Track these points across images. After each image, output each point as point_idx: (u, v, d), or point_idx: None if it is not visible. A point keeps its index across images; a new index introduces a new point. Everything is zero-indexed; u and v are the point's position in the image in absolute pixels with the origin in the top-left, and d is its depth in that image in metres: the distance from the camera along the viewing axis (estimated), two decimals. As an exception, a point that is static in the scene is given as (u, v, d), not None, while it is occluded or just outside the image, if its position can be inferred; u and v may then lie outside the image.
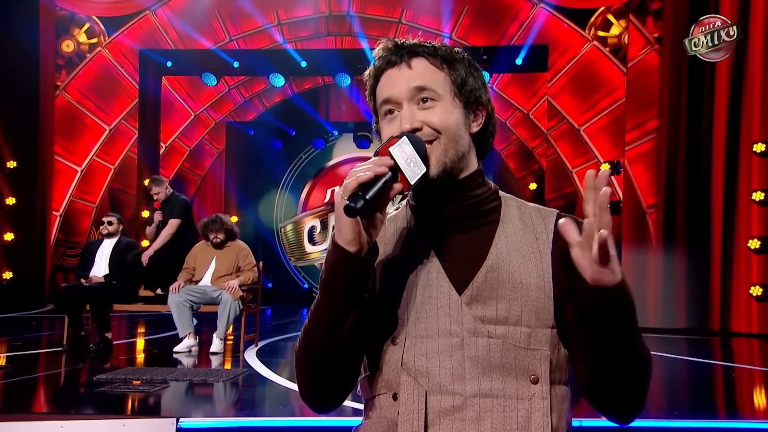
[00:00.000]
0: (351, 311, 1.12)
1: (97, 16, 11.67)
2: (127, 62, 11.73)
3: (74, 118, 11.65)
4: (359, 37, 11.29)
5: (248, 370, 5.37)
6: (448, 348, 1.13)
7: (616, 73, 10.06)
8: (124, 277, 6.67)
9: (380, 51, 1.23)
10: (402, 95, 1.18)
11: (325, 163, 14.08)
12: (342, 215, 1.06)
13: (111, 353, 6.21)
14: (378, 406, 1.19)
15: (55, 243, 11.55)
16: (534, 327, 1.14)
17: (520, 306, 1.14)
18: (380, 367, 1.18)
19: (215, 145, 13.90)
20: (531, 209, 1.25)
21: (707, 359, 6.84)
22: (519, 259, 1.17)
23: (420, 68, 1.19)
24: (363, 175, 1.06)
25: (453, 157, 1.17)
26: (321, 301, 1.14)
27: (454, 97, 1.20)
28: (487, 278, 1.15)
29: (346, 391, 1.23)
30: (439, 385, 1.12)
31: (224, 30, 11.60)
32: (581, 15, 10.24)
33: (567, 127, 10.43)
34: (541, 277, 1.16)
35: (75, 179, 11.65)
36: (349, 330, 1.13)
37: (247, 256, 6.72)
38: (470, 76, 1.22)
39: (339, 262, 1.09)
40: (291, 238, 14.04)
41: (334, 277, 1.11)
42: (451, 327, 1.14)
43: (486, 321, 1.14)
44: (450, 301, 1.15)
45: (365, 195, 1.04)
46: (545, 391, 1.12)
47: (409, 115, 1.17)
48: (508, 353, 1.12)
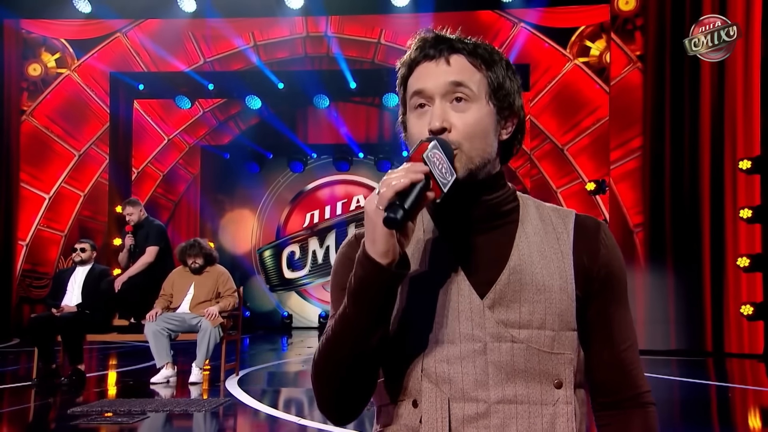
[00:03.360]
0: (379, 326, 1.08)
1: (66, 38, 11.36)
2: (98, 86, 11.42)
3: (42, 144, 11.28)
4: (337, 58, 11.15)
5: (230, 400, 5.23)
6: (471, 353, 1.10)
7: (598, 92, 10.05)
8: (98, 306, 6.38)
9: (418, 42, 1.17)
10: (436, 89, 1.13)
11: (303, 187, 13.80)
12: (378, 226, 1.01)
13: (84, 386, 5.90)
14: (396, 413, 1.15)
15: (20, 274, 11.08)
16: (558, 330, 1.11)
17: (543, 309, 1.11)
18: (399, 374, 1.14)
19: (190, 169, 13.56)
20: (549, 209, 1.22)
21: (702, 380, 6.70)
22: (541, 260, 1.14)
23: (458, 65, 1.14)
24: (399, 183, 1.00)
25: (479, 164, 1.13)
26: (348, 314, 1.08)
27: (488, 100, 1.15)
28: (510, 281, 1.12)
29: (366, 400, 1.18)
30: (462, 391, 1.09)
31: (198, 52, 11.38)
32: (562, 34, 10.26)
33: (550, 146, 10.37)
34: (564, 278, 1.13)
35: (42, 207, 11.25)
36: (375, 344, 1.09)
37: (227, 281, 6.49)
38: (507, 80, 1.17)
39: (371, 274, 1.04)
40: (269, 265, 13.72)
41: (365, 291, 1.05)
42: (473, 332, 1.11)
43: (509, 325, 1.11)
44: (472, 305, 1.12)
45: (404, 204, 0.99)
46: (569, 395, 1.10)
47: (440, 112, 1.12)
48: (532, 358, 1.10)
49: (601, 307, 1.17)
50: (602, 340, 1.17)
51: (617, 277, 1.18)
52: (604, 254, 1.16)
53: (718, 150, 8.57)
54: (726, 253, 8.45)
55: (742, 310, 8.24)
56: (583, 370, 1.17)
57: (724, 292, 8.46)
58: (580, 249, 1.16)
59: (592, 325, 1.16)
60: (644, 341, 8.37)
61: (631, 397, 1.18)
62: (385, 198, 1.00)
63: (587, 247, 1.16)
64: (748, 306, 8.19)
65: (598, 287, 1.16)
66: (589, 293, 1.15)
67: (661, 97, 8.91)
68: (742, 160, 8.31)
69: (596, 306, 1.16)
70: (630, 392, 1.18)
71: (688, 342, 8.62)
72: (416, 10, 10.34)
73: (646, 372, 1.22)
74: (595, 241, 1.17)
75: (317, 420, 4.52)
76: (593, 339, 1.17)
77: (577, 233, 1.17)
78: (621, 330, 1.18)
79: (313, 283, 13.49)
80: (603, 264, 1.16)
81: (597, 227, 1.19)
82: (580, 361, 1.15)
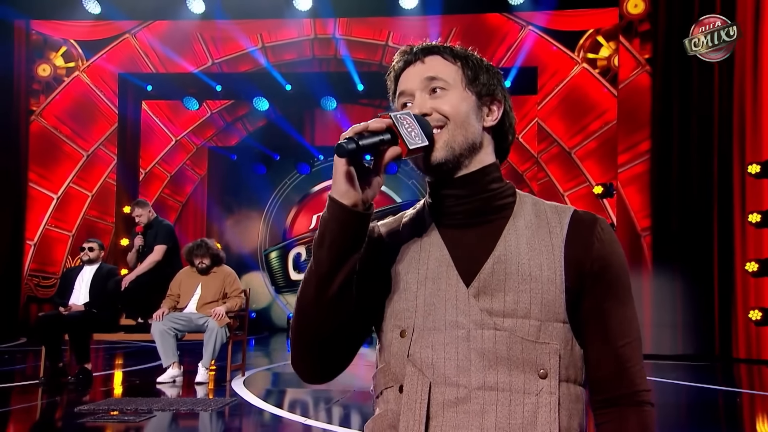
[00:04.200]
0: (341, 267, 1.12)
1: (75, 39, 11.41)
2: (106, 86, 11.47)
3: (51, 144, 11.33)
4: (345, 60, 11.16)
5: (236, 399, 5.22)
6: (454, 340, 1.12)
7: (606, 95, 10.02)
8: (105, 305, 6.39)
9: (397, 55, 1.26)
10: (414, 86, 1.21)
11: (310, 189, 13.79)
12: (338, 168, 1.09)
13: (91, 385, 5.90)
14: (386, 399, 1.19)
15: (28, 273, 11.12)
16: (543, 320, 1.12)
17: (528, 298, 1.12)
18: (388, 360, 1.18)
19: (197, 170, 13.58)
20: (547, 206, 1.24)
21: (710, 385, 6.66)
22: (529, 252, 1.16)
23: (433, 62, 1.23)
24: (358, 126, 1.10)
25: (462, 143, 1.18)
26: (314, 256, 1.15)
27: (465, 87, 1.22)
28: (495, 270, 1.14)
29: (337, 364, 1.23)
30: (444, 376, 1.11)
31: (207, 53, 11.41)
32: (570, 37, 10.23)
33: (557, 150, 10.35)
34: (553, 269, 1.14)
35: (50, 207, 11.29)
36: (339, 289, 1.13)
37: (234, 281, 6.50)
38: (483, 73, 1.24)
39: (331, 214, 1.11)
40: (276, 266, 13.72)
41: (325, 231, 1.12)
42: (457, 319, 1.13)
43: (493, 313, 1.12)
44: (458, 293, 1.15)
45: (358, 141, 1.07)
46: (554, 386, 1.10)
47: (420, 102, 1.20)
48: (515, 346, 1.10)
49: (595, 302, 1.16)
50: (597, 335, 1.16)
51: (614, 271, 1.18)
52: (598, 248, 1.16)
53: (727, 154, 8.53)
54: (734, 257, 8.40)
55: (750, 315, 8.18)
56: (581, 368, 1.17)
57: (732, 296, 8.41)
58: (573, 242, 1.16)
59: (586, 320, 1.16)
60: (651, 345, 8.33)
61: (627, 395, 1.17)
62: (343, 136, 1.09)
63: (581, 240, 1.17)
64: (757, 311, 8.13)
65: (591, 281, 1.16)
66: (582, 287, 1.15)
67: (670, 101, 8.88)
68: (750, 165, 8.26)
69: (590, 300, 1.16)
70: (626, 390, 1.16)
71: (696, 347, 8.57)
72: (424, 13, 10.35)
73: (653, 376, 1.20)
74: (590, 235, 1.17)
75: (322, 420, 4.53)
76: (588, 334, 1.16)
77: (571, 227, 1.18)
78: (618, 326, 1.17)
79: (320, 284, 13.47)
80: (597, 257, 1.16)
81: (593, 222, 1.19)
82: (574, 355, 1.16)
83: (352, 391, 5.56)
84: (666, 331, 8.61)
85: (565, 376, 1.13)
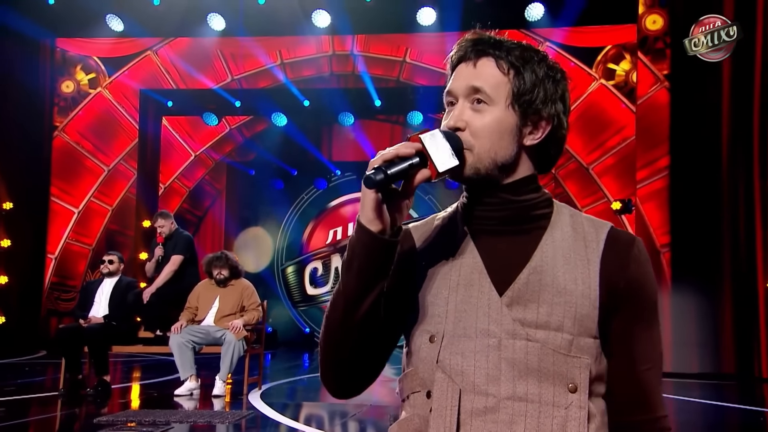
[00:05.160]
0: (369, 291, 1.12)
1: (98, 56, 11.61)
2: (128, 102, 11.65)
3: (73, 159, 11.50)
4: (363, 76, 11.24)
5: (253, 412, 5.23)
6: (485, 348, 1.11)
7: (624, 111, 10.00)
8: (124, 317, 6.44)
9: (460, 42, 1.21)
10: (459, 91, 1.18)
11: (327, 204, 13.83)
12: (366, 194, 1.08)
13: (109, 397, 5.94)
14: (412, 403, 1.18)
15: (49, 287, 11.24)
16: (576, 335, 1.11)
17: (562, 312, 1.11)
18: (417, 365, 1.17)
19: (215, 185, 13.71)
20: (584, 219, 1.22)
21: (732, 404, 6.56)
22: (564, 264, 1.14)
23: (484, 69, 1.17)
24: (387, 153, 1.08)
25: (489, 166, 1.15)
26: (341, 279, 1.15)
27: (509, 105, 1.16)
28: (530, 280, 1.13)
29: (365, 379, 1.24)
30: (473, 384, 1.10)
31: (226, 69, 11.55)
32: (588, 53, 10.24)
33: (575, 165, 10.32)
34: (587, 284, 1.13)
35: (72, 221, 11.43)
36: (367, 311, 1.13)
37: (251, 295, 6.53)
38: (539, 86, 1.17)
39: (359, 240, 1.10)
40: (292, 281, 13.76)
41: (354, 256, 1.11)
42: (489, 327, 1.12)
43: (526, 324, 1.11)
44: (490, 302, 1.13)
45: (387, 170, 1.06)
46: (583, 401, 1.09)
47: (458, 112, 1.17)
48: (546, 358, 1.09)
49: (623, 323, 1.15)
50: (621, 356, 1.15)
51: (645, 295, 1.17)
52: (633, 269, 1.15)
53: (748, 170, 8.46)
54: (756, 274, 8.30)
55: (771, 333, 8.07)
56: (606, 380, 1.16)
57: (753, 314, 8.30)
58: (608, 260, 1.15)
59: (612, 340, 1.15)
60: (670, 363, 8.21)
61: (647, 421, 1.16)
62: (372, 164, 1.07)
63: (617, 259, 1.15)
64: (778, 329, 8.02)
65: (622, 302, 1.14)
66: (613, 305, 1.14)
67: (689, 116, 8.83)
68: (771, 181, 8.19)
69: (619, 321, 1.15)
70: (646, 415, 1.16)
71: (715, 365, 8.45)
72: (442, 29, 10.41)
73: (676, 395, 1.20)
74: (626, 255, 1.16)
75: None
76: (612, 353, 1.15)
77: (608, 244, 1.16)
78: (643, 349, 1.16)
79: (336, 299, 13.45)
80: (631, 279, 1.15)
81: (631, 242, 1.17)
82: (602, 370, 1.14)
83: (368, 406, 5.55)
84: (685, 348, 8.50)
85: (593, 391, 1.12)
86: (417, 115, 11.85)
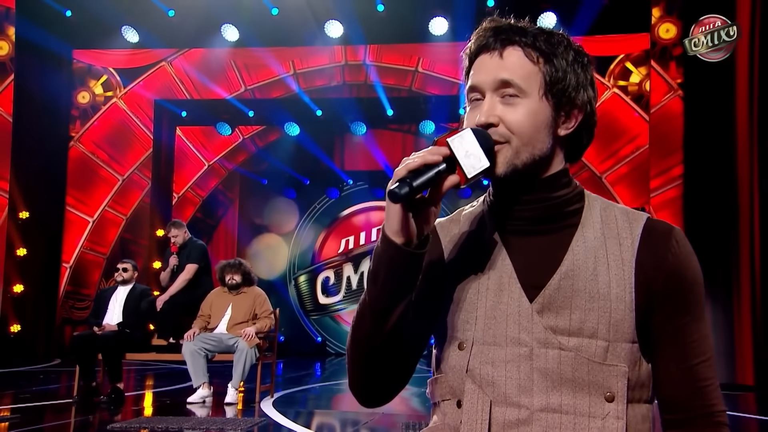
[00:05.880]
0: (397, 304, 1.08)
1: (114, 67, 11.73)
2: (142, 112, 11.75)
3: (88, 169, 11.60)
4: (375, 85, 11.28)
5: (265, 420, 5.22)
6: (516, 358, 1.07)
7: (638, 120, 9.97)
8: (138, 325, 6.48)
9: (479, 31, 1.14)
10: (486, 85, 1.10)
11: (339, 213, 13.88)
12: (391, 205, 1.01)
13: (123, 404, 5.96)
14: (443, 411, 1.14)
15: (64, 295, 11.31)
16: (612, 341, 1.05)
17: (596, 317, 1.05)
18: (446, 372, 1.14)
19: (228, 194, 13.79)
20: (617, 211, 1.15)
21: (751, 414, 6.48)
22: (597, 267, 1.08)
23: (512, 59, 1.10)
24: (412, 162, 1.01)
25: (526, 161, 1.09)
26: (367, 291, 1.10)
27: (542, 96, 1.10)
28: (561, 286, 1.07)
29: (394, 387, 1.19)
30: (504, 395, 1.06)
31: (240, 79, 11.63)
32: (601, 63, 10.23)
33: (588, 174, 10.29)
34: (622, 287, 1.07)
35: (86, 230, 11.51)
36: (395, 324, 1.09)
37: (264, 302, 6.54)
38: (570, 73, 1.11)
39: (384, 252, 1.05)
40: (304, 290, 13.78)
41: (379, 269, 1.06)
42: (520, 336, 1.07)
43: (558, 332, 1.06)
44: (520, 309, 1.08)
45: (412, 182, 0.99)
46: (621, 410, 1.04)
47: (488, 107, 1.09)
48: (580, 367, 1.04)
49: (667, 318, 1.09)
50: (669, 353, 1.09)
51: (688, 286, 1.10)
52: (672, 263, 1.08)
53: (763, 177, 8.39)
54: (771, 284, 8.22)
55: (788, 343, 7.97)
56: (648, 385, 1.10)
57: (768, 324, 8.21)
58: (644, 258, 1.09)
59: (657, 337, 1.09)
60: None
61: (703, 416, 1.09)
62: (397, 175, 1.01)
63: (653, 254, 1.09)
64: (795, 339, 7.92)
65: (663, 298, 1.08)
66: (653, 303, 1.08)
67: (703, 125, 8.78)
68: (787, 189, 8.12)
69: (662, 316, 1.09)
70: (702, 410, 1.09)
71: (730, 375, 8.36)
72: (454, 39, 10.43)
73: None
74: (663, 248, 1.09)
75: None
76: (660, 351, 1.09)
77: (643, 239, 1.10)
78: (693, 343, 1.10)
79: (348, 308, 13.47)
80: (670, 273, 1.08)
81: (668, 233, 1.10)
82: (642, 374, 1.09)
83: (380, 414, 5.53)
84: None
85: (632, 397, 1.07)
86: (429, 124, 11.88)
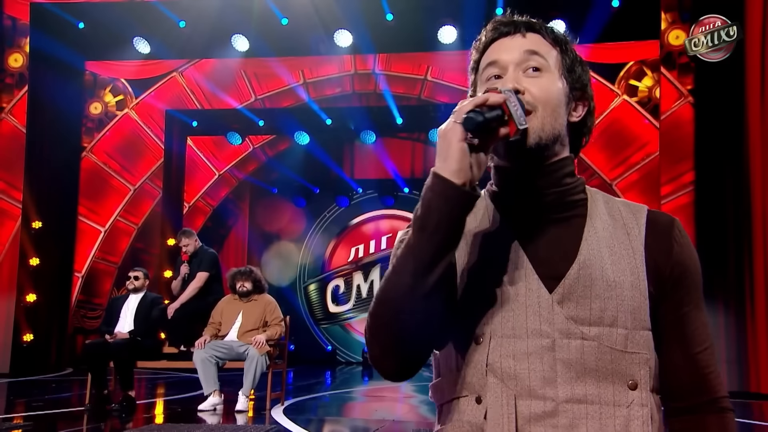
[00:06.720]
0: (443, 255, 1.01)
1: (125, 78, 11.83)
2: (153, 123, 11.84)
3: (100, 179, 11.68)
4: (385, 94, 11.32)
5: (276, 427, 5.21)
6: (538, 349, 1.05)
7: (648, 127, 9.95)
8: (149, 333, 6.50)
9: (493, 24, 1.18)
10: (511, 58, 1.13)
11: (349, 222, 13.93)
12: (453, 142, 0.98)
13: (134, 412, 5.97)
14: (458, 409, 1.10)
15: (76, 305, 11.37)
16: (631, 329, 1.06)
17: (615, 306, 1.06)
18: (460, 368, 1.10)
19: (239, 203, 13.85)
20: (619, 204, 1.18)
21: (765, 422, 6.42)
22: (611, 256, 1.10)
23: (534, 39, 1.15)
24: (478, 98, 1.00)
25: (549, 134, 1.10)
26: (412, 243, 1.02)
27: (561, 75, 1.14)
28: (580, 276, 1.08)
29: (421, 359, 1.12)
30: (528, 388, 1.04)
31: (250, 89, 11.71)
32: (610, 70, 10.21)
33: (598, 182, 10.26)
34: (636, 275, 1.09)
35: (98, 240, 11.58)
36: (437, 280, 1.01)
37: (274, 310, 6.55)
38: (578, 64, 1.17)
39: (439, 194, 0.99)
40: (314, 298, 13.79)
41: (431, 212, 1.00)
42: (541, 327, 1.06)
43: (579, 321, 1.06)
44: (540, 300, 1.07)
45: (483, 113, 0.98)
46: (645, 397, 1.05)
47: (514, 77, 1.11)
48: (603, 356, 1.05)
49: (674, 307, 1.12)
50: (675, 342, 1.12)
51: (691, 276, 1.14)
52: (677, 252, 1.13)
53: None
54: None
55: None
56: (657, 374, 1.12)
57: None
58: (651, 246, 1.12)
59: (664, 326, 1.12)
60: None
61: (707, 402, 1.12)
62: (463, 110, 0.99)
63: (659, 244, 1.12)
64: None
65: (670, 286, 1.12)
66: (662, 292, 1.11)
67: (714, 131, 8.75)
68: (799, 195, 8.07)
69: (669, 306, 1.12)
70: (706, 396, 1.12)
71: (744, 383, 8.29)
72: (463, 48, 10.44)
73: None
74: (668, 238, 1.13)
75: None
76: (666, 340, 1.12)
77: (649, 229, 1.13)
78: (696, 331, 1.13)
79: (357, 317, 13.48)
80: (676, 262, 1.12)
81: (671, 224, 1.15)
82: (656, 364, 1.10)
83: (390, 421, 5.52)
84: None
85: (653, 386, 1.08)
86: (438, 132, 11.89)
